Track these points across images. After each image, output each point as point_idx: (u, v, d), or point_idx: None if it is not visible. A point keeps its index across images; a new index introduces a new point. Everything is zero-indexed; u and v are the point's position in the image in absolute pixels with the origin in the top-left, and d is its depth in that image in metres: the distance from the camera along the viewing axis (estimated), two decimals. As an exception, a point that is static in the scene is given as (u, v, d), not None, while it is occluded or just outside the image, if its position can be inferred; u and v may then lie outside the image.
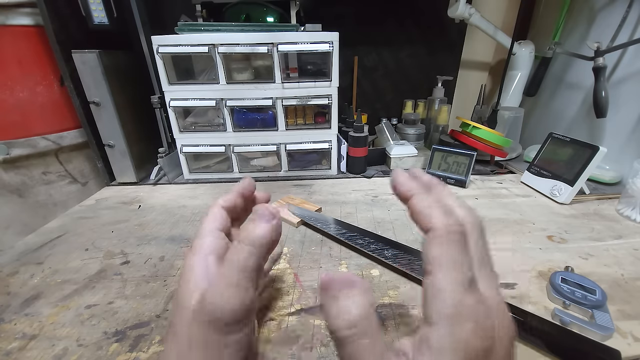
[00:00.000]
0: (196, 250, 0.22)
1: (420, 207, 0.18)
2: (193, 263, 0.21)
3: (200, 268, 0.20)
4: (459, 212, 0.19)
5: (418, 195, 0.19)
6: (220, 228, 0.24)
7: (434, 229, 0.17)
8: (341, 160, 0.74)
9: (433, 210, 0.18)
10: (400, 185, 0.20)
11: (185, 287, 0.20)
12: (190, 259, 0.21)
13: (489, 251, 0.19)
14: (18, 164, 0.64)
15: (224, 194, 0.27)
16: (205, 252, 0.21)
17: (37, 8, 0.57)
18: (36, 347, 0.31)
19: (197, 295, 0.19)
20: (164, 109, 0.68)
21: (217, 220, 0.24)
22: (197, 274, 0.20)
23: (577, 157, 0.58)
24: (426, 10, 0.87)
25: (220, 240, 0.23)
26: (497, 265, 0.18)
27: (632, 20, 0.61)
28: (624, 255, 0.44)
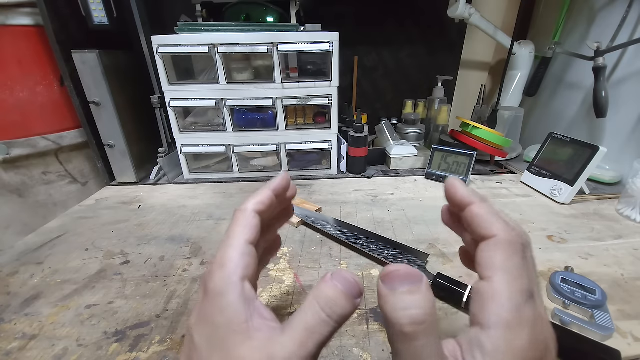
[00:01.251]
0: (226, 270, 0.18)
1: (482, 213, 0.18)
2: (228, 296, 0.17)
3: (239, 305, 0.17)
4: (516, 227, 0.19)
5: (479, 202, 0.19)
6: (253, 241, 0.20)
7: (498, 236, 0.17)
8: (341, 160, 0.74)
9: (496, 219, 0.18)
10: (460, 191, 0.20)
11: (225, 328, 0.16)
12: (220, 281, 0.17)
13: (536, 269, 0.19)
14: (18, 164, 0.64)
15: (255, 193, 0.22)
16: (240, 277, 0.18)
17: (37, 8, 0.57)
18: (36, 347, 0.31)
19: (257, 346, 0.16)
20: (164, 109, 0.68)
21: (250, 230, 0.20)
22: (238, 314, 0.17)
23: (577, 157, 0.58)
24: (426, 10, 0.87)
25: (254, 260, 0.19)
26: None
27: (632, 20, 0.61)
28: (624, 255, 0.44)
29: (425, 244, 0.47)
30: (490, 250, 0.17)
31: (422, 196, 0.62)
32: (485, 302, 0.16)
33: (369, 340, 0.32)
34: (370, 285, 0.39)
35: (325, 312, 0.16)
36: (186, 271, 0.42)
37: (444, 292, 0.36)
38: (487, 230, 0.17)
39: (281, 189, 0.23)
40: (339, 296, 0.17)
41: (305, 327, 0.16)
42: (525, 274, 0.16)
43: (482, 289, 0.16)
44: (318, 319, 0.16)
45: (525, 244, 0.17)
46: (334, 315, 0.16)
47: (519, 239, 0.17)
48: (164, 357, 0.30)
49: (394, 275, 0.16)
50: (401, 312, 0.15)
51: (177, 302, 0.37)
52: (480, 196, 0.20)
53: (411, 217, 0.55)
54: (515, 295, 0.15)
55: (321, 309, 0.16)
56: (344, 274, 0.18)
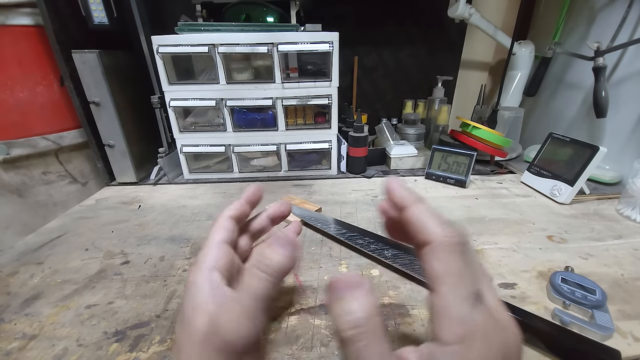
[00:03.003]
0: (200, 264, 0.21)
1: (415, 217, 0.18)
2: (197, 279, 0.20)
3: (205, 286, 0.20)
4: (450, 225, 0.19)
5: (413, 205, 0.19)
6: (227, 240, 0.23)
7: (433, 240, 0.17)
8: (341, 160, 0.74)
9: (429, 220, 0.17)
10: (397, 193, 0.20)
11: (191, 305, 0.19)
12: (193, 273, 0.21)
13: (480, 262, 0.19)
14: (18, 164, 0.64)
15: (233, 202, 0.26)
16: (209, 267, 0.21)
17: (37, 8, 0.57)
18: (36, 347, 0.31)
19: (207, 318, 0.18)
20: (164, 109, 0.68)
21: (224, 231, 0.23)
22: (203, 293, 0.19)
23: (577, 157, 0.58)
24: (426, 10, 0.87)
25: (226, 255, 0.22)
26: (497, 265, 0.18)
27: (632, 20, 0.61)
28: (624, 255, 0.44)
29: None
30: (429, 260, 0.17)
31: (422, 196, 0.62)
32: (435, 316, 0.16)
33: (369, 340, 0.32)
34: (370, 285, 0.39)
35: (260, 268, 0.19)
36: (186, 271, 0.42)
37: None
38: (422, 235, 0.17)
39: (254, 197, 0.27)
40: (272, 253, 0.19)
41: (244, 286, 0.19)
42: (468, 275, 0.16)
43: (432, 302, 0.16)
44: (255, 277, 0.19)
45: (462, 242, 0.17)
46: (269, 270, 0.19)
47: (454, 238, 0.17)
48: (164, 357, 0.30)
49: (336, 285, 0.17)
50: (342, 318, 0.16)
51: (177, 302, 0.37)
52: (416, 196, 0.20)
53: (411, 217, 0.54)
54: (461, 304, 0.15)
55: (257, 267, 0.19)
56: (279, 234, 0.20)
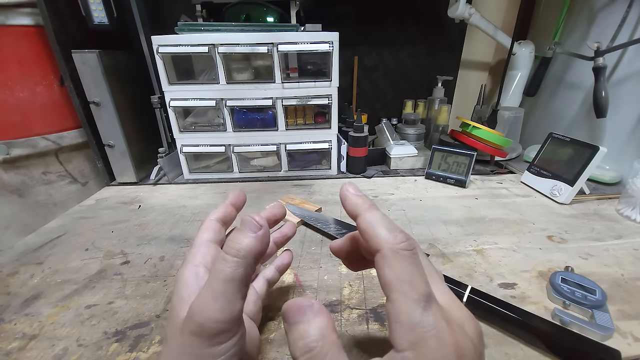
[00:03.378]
0: (187, 261, 0.22)
1: (364, 226, 0.19)
2: (183, 274, 0.21)
3: (190, 279, 0.21)
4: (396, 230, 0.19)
5: (363, 214, 0.19)
6: (213, 239, 0.24)
7: (382, 247, 0.17)
8: (341, 160, 0.74)
9: (380, 226, 0.18)
10: (351, 201, 0.20)
11: (177, 298, 0.20)
12: (181, 270, 0.22)
13: (431, 263, 0.20)
14: (18, 164, 0.64)
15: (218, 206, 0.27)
16: (195, 263, 0.22)
17: (37, 8, 0.57)
18: (36, 347, 0.31)
19: (187, 306, 0.19)
20: (164, 109, 0.68)
21: (210, 231, 0.24)
22: (187, 286, 0.21)
23: (577, 157, 0.58)
24: (426, 10, 0.87)
25: (213, 252, 0.23)
26: (497, 265, 0.18)
27: (632, 20, 0.61)
28: (624, 255, 0.44)
29: (425, 244, 0.47)
30: (380, 267, 0.17)
31: (422, 196, 0.62)
32: (391, 324, 0.16)
33: (369, 341, 0.32)
34: (370, 285, 0.39)
35: (225, 251, 0.19)
36: (186, 271, 0.42)
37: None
38: (373, 243, 0.18)
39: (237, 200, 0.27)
40: (237, 236, 0.19)
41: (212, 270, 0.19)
42: (418, 278, 0.16)
43: (387, 312, 0.16)
44: (220, 260, 0.18)
45: (410, 246, 0.17)
46: (232, 251, 0.18)
47: (402, 243, 0.17)
48: (164, 357, 0.30)
49: (287, 310, 0.17)
50: (294, 345, 0.16)
51: (177, 302, 0.37)
52: (369, 203, 0.20)
53: (411, 217, 0.55)
54: (412, 309, 0.15)
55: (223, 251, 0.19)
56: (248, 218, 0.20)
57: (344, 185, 0.22)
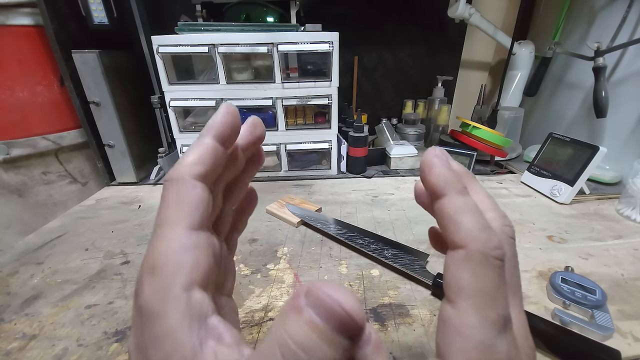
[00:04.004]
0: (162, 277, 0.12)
1: (452, 212, 0.14)
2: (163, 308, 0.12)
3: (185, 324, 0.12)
4: (490, 217, 0.15)
5: (453, 196, 0.14)
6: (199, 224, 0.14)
7: (467, 245, 0.13)
8: (341, 160, 0.74)
9: (469, 221, 0.13)
10: (434, 175, 0.15)
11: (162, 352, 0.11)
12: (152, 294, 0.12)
13: (519, 272, 0.15)
14: (18, 164, 0.64)
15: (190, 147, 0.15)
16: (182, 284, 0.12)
17: (37, 8, 0.57)
18: (36, 347, 0.31)
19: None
20: (164, 109, 0.68)
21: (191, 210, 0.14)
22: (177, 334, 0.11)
23: (577, 157, 0.58)
24: (426, 10, 0.87)
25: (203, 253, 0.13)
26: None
27: (632, 20, 0.61)
28: (624, 255, 0.44)
29: (425, 244, 0.47)
30: (456, 266, 0.13)
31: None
32: (450, 333, 0.13)
33: (369, 340, 0.32)
34: (370, 285, 0.39)
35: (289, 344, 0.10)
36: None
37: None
38: (456, 236, 0.13)
39: (228, 131, 0.15)
40: (316, 340, 0.10)
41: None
42: (501, 296, 0.13)
43: (447, 316, 0.13)
44: None
45: (503, 256, 0.13)
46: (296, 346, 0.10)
47: (495, 251, 0.13)
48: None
49: None
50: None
51: (177, 302, 0.37)
52: (460, 184, 0.15)
53: (411, 217, 0.55)
54: (486, 328, 0.12)
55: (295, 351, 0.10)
56: (325, 299, 0.10)
57: (430, 150, 0.15)
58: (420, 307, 0.35)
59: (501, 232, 0.15)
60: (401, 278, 0.40)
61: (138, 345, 0.13)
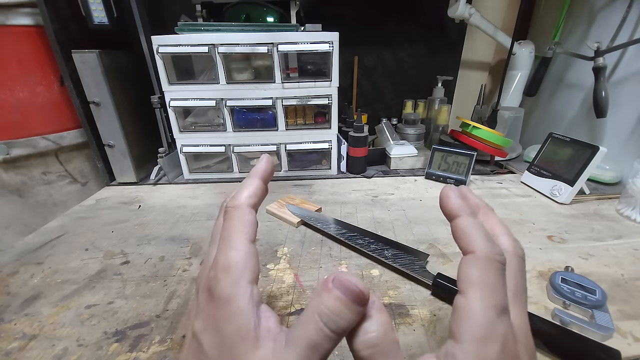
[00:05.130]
0: (234, 273, 0.17)
1: (464, 227, 0.18)
2: (235, 296, 0.17)
3: (249, 307, 0.17)
4: (503, 240, 0.20)
5: (465, 216, 0.19)
6: (253, 239, 0.19)
7: (476, 252, 0.17)
8: (341, 160, 0.74)
9: (477, 234, 0.18)
10: (450, 203, 0.20)
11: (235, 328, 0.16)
12: (228, 286, 0.17)
13: (525, 283, 0.19)
14: (18, 164, 0.64)
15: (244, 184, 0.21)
16: (248, 279, 0.17)
17: (37, 8, 0.57)
18: (36, 347, 0.31)
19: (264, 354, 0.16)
20: (164, 109, 0.68)
21: (249, 228, 0.20)
22: (247, 316, 0.16)
23: (577, 157, 0.58)
24: (426, 10, 0.87)
25: (256, 259, 0.19)
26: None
27: (632, 20, 0.61)
28: (624, 255, 0.44)
29: (425, 244, 0.47)
30: (468, 266, 0.17)
31: (422, 196, 0.62)
32: (460, 316, 0.16)
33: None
34: (370, 285, 0.39)
35: (329, 326, 0.16)
36: (186, 271, 0.42)
37: (444, 292, 0.36)
38: (466, 245, 0.18)
39: (269, 175, 0.23)
40: (342, 308, 0.16)
41: (308, 343, 0.16)
42: (501, 290, 0.17)
43: (459, 303, 0.17)
44: (321, 335, 0.16)
45: (504, 260, 0.18)
46: (338, 329, 0.16)
47: (497, 256, 0.17)
48: (164, 357, 0.30)
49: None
50: (355, 339, 0.17)
51: (177, 302, 0.37)
52: (472, 205, 0.20)
53: (411, 217, 0.55)
54: (488, 310, 0.16)
55: (324, 324, 0.16)
56: (346, 282, 0.16)
57: (445, 188, 0.20)
58: (420, 307, 0.35)
59: (513, 253, 0.19)
60: (401, 278, 0.40)
61: (210, 324, 0.17)
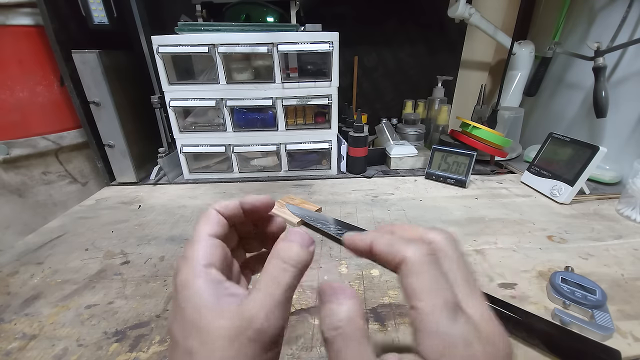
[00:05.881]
0: (191, 261, 0.19)
1: (382, 247, 0.18)
2: (192, 279, 0.18)
3: (204, 286, 0.18)
4: (427, 236, 0.19)
5: (376, 238, 0.19)
6: (216, 233, 0.21)
7: (402, 261, 0.17)
8: (341, 160, 0.74)
9: (395, 244, 0.18)
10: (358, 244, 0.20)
11: (190, 307, 0.17)
12: (185, 272, 0.18)
13: (469, 267, 0.18)
14: (18, 164, 0.64)
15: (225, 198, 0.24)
16: (204, 264, 0.19)
17: (37, 8, 0.57)
18: (36, 347, 0.31)
19: (229, 314, 0.17)
20: (164, 109, 0.68)
21: (211, 224, 0.21)
22: (205, 294, 0.18)
23: (577, 157, 0.58)
24: (426, 10, 0.87)
25: (218, 249, 0.20)
26: (497, 265, 0.18)
27: (632, 20, 0.61)
28: (624, 255, 0.44)
29: (425, 244, 0.47)
30: (404, 277, 0.17)
31: (422, 196, 0.62)
32: (417, 333, 0.16)
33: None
34: (370, 285, 0.39)
35: (284, 260, 0.18)
36: (186, 271, 0.42)
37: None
38: (393, 258, 0.18)
39: (251, 205, 0.23)
40: (292, 246, 0.19)
41: (269, 278, 0.18)
42: (444, 285, 0.16)
43: (412, 319, 0.16)
44: (279, 268, 0.18)
45: (436, 251, 0.17)
46: (292, 261, 0.18)
47: (425, 250, 0.17)
48: (164, 357, 0.30)
49: (323, 289, 0.18)
50: (325, 320, 0.17)
51: (177, 302, 0.37)
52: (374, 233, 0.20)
53: (411, 217, 0.55)
54: (439, 317, 0.15)
55: (280, 259, 0.18)
56: (293, 230, 0.20)
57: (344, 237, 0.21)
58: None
59: (442, 239, 0.19)
60: (401, 278, 0.40)
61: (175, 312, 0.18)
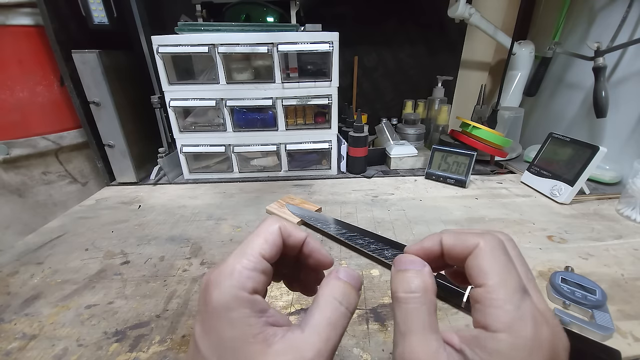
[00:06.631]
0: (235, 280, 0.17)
1: (452, 240, 0.19)
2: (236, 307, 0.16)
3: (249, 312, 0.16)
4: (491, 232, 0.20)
5: (443, 236, 0.20)
6: (268, 257, 0.19)
7: (476, 246, 0.18)
8: (341, 160, 0.74)
9: (466, 236, 0.19)
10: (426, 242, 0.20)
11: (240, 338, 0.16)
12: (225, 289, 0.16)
13: (527, 264, 0.19)
14: (18, 164, 0.64)
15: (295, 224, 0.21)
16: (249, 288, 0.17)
17: (37, 8, 0.57)
18: (36, 347, 0.32)
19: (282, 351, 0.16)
20: (164, 109, 0.68)
21: (270, 243, 0.19)
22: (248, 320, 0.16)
23: (577, 157, 0.58)
24: (426, 10, 0.87)
25: (266, 276, 0.18)
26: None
27: (632, 20, 0.61)
28: (624, 255, 0.44)
29: (425, 244, 0.47)
30: (474, 260, 0.18)
31: (422, 196, 0.62)
32: (485, 308, 0.16)
33: (369, 341, 0.32)
34: (370, 285, 0.39)
35: (344, 305, 0.18)
36: (186, 271, 0.42)
37: (444, 292, 0.36)
38: (465, 245, 0.18)
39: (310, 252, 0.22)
40: (350, 290, 0.19)
41: (328, 322, 0.17)
42: (514, 271, 0.17)
43: (479, 296, 0.17)
44: (339, 313, 0.17)
45: (503, 242, 0.18)
46: (350, 307, 0.18)
47: (496, 240, 0.18)
48: (164, 357, 0.30)
49: (399, 260, 0.19)
50: (401, 282, 0.18)
51: (177, 302, 0.37)
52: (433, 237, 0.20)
53: (411, 217, 0.55)
54: (510, 295, 0.16)
55: (339, 303, 0.18)
56: (349, 271, 0.19)
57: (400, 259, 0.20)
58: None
59: (504, 238, 0.19)
60: (401, 278, 0.40)
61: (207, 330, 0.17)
